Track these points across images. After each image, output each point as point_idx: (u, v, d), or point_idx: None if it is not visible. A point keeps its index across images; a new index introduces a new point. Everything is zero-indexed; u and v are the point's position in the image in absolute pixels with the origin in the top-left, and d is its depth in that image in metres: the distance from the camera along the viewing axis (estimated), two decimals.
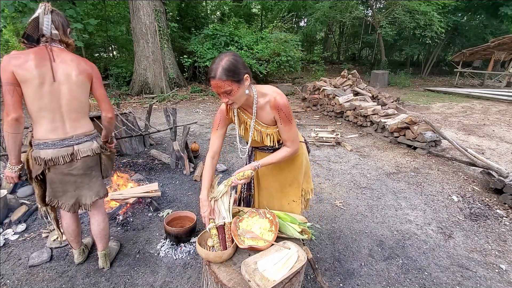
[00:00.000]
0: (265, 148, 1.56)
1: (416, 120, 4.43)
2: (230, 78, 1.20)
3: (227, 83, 1.20)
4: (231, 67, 1.19)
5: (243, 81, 1.25)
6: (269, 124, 1.42)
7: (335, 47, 21.88)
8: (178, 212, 2.39)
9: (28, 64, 1.39)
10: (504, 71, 12.10)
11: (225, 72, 1.18)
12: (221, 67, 1.18)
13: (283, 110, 1.34)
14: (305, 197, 1.73)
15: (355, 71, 7.50)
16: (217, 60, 1.21)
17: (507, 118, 6.48)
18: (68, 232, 1.86)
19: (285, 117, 1.35)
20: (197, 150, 4.10)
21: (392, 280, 1.96)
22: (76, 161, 1.59)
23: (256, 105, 1.37)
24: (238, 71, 1.22)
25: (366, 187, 3.31)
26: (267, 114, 1.39)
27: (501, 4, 12.01)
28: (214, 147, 1.52)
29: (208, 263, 1.29)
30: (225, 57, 1.21)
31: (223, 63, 1.19)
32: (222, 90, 1.22)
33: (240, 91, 1.26)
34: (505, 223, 2.64)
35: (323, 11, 12.09)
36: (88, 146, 1.63)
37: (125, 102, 7.92)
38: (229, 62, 1.19)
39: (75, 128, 1.57)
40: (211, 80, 1.22)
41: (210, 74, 1.21)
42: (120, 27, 11.53)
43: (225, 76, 1.18)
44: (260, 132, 1.44)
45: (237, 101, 1.29)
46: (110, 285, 1.85)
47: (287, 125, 1.38)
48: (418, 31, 11.84)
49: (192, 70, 10.05)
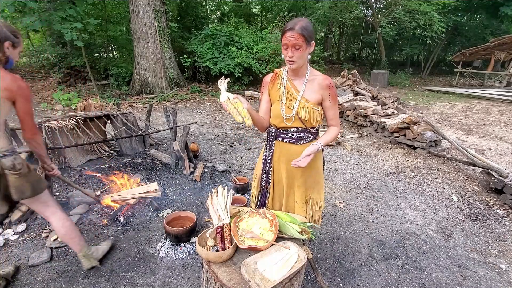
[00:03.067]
0: (287, 136, 1.56)
1: (416, 120, 4.43)
2: (305, 35, 1.31)
3: (301, 38, 1.31)
4: (308, 27, 1.33)
5: (310, 45, 1.37)
6: (310, 100, 1.48)
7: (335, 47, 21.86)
8: (178, 212, 2.39)
9: None
10: (504, 71, 12.09)
11: (302, 28, 1.31)
12: (300, 24, 1.31)
13: (333, 89, 1.49)
14: (312, 206, 1.65)
15: (355, 71, 7.49)
16: (296, 19, 1.35)
17: (507, 118, 6.48)
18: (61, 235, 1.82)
19: (334, 95, 1.50)
20: (197, 150, 4.10)
21: (392, 280, 1.96)
22: None
23: (307, 77, 1.48)
24: (311, 33, 1.35)
25: (366, 187, 3.31)
26: (312, 91, 1.48)
27: (501, 4, 12.01)
28: (262, 109, 1.63)
29: (208, 263, 1.29)
30: (303, 19, 1.35)
31: (302, 22, 1.32)
32: (294, 42, 1.32)
33: (306, 52, 1.37)
34: (505, 223, 2.64)
35: (323, 11, 12.08)
36: None
37: (125, 102, 7.92)
38: (307, 23, 1.34)
39: None
40: (288, 31, 1.32)
41: (288, 26, 1.32)
42: (120, 27, 11.51)
43: (301, 31, 1.30)
44: (299, 103, 1.48)
45: (298, 60, 1.37)
46: (110, 285, 1.85)
47: (335, 104, 1.52)
48: (418, 31, 11.84)
49: (192, 70, 10.04)
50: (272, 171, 1.67)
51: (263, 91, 1.63)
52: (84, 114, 3.69)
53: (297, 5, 13.78)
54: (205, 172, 3.62)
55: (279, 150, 1.61)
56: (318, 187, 1.66)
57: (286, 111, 1.51)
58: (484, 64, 14.73)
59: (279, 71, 1.57)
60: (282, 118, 1.52)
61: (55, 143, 3.23)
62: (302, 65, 1.42)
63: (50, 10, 6.98)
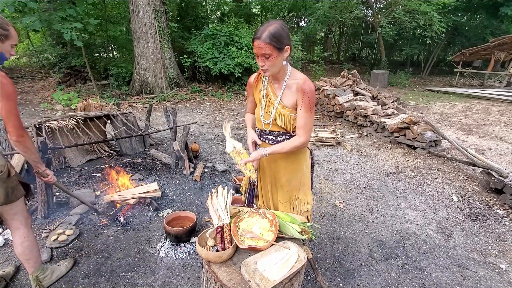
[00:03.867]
0: (269, 138, 1.55)
1: (416, 120, 4.43)
2: (273, 43, 1.24)
3: (269, 46, 1.24)
4: (276, 34, 1.24)
5: (283, 51, 1.29)
6: (287, 106, 1.43)
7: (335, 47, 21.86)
8: (178, 212, 2.39)
9: None
10: (504, 71, 12.09)
11: (270, 36, 1.23)
12: (268, 30, 1.23)
13: (308, 95, 1.35)
14: (299, 208, 1.62)
15: (355, 71, 7.49)
16: (266, 24, 1.27)
17: (507, 118, 6.48)
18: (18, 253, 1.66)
19: (307, 102, 1.36)
20: (197, 150, 4.10)
21: (392, 280, 1.96)
22: None
23: (286, 82, 1.41)
24: (282, 39, 1.26)
25: (366, 187, 3.31)
26: (291, 95, 1.41)
27: (501, 4, 12.01)
28: (249, 107, 1.69)
29: (208, 263, 1.29)
30: (274, 23, 1.26)
31: (270, 28, 1.24)
32: (262, 52, 1.26)
33: (278, 59, 1.30)
34: (505, 223, 2.64)
35: (323, 11, 12.08)
36: None
37: (125, 102, 7.92)
38: (276, 28, 1.24)
39: None
40: (255, 40, 1.26)
41: (256, 34, 1.25)
42: (120, 27, 11.52)
43: (269, 39, 1.23)
44: (276, 110, 1.45)
45: (271, 68, 1.31)
46: (110, 285, 1.85)
47: (306, 112, 1.38)
48: (418, 31, 11.83)
49: (192, 70, 10.04)
50: (259, 170, 1.69)
51: (248, 91, 1.63)
52: (84, 114, 3.70)
53: (297, 5, 13.78)
54: (205, 172, 3.62)
55: None
56: (304, 188, 1.63)
57: (265, 116, 1.51)
58: (484, 64, 14.74)
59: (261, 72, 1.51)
60: (262, 123, 1.53)
61: (55, 143, 3.23)
62: (277, 71, 1.37)
63: (50, 10, 6.98)
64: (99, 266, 2.01)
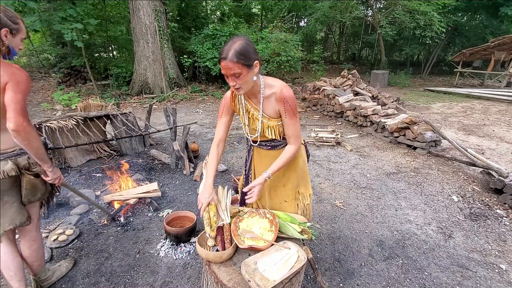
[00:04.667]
0: (263, 144, 1.55)
1: (416, 120, 4.43)
2: (241, 61, 1.19)
3: (237, 65, 1.20)
4: (243, 51, 1.19)
5: (253, 67, 1.25)
6: (272, 116, 1.41)
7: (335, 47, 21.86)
8: (178, 212, 2.39)
9: None
10: (504, 71, 12.09)
11: (237, 55, 1.18)
12: (233, 49, 1.19)
13: (289, 103, 1.34)
14: (302, 201, 1.66)
15: (355, 71, 7.49)
16: (230, 42, 1.21)
17: (507, 118, 6.48)
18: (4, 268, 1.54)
19: (290, 109, 1.35)
20: (197, 150, 4.10)
21: (392, 280, 1.96)
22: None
23: (262, 95, 1.37)
24: (250, 55, 1.22)
25: (366, 187, 3.31)
26: (271, 106, 1.39)
27: (501, 4, 12.01)
28: (219, 135, 1.55)
29: (208, 263, 1.29)
30: (238, 40, 1.22)
31: (235, 46, 1.19)
32: (231, 72, 1.21)
33: (249, 76, 1.26)
34: (505, 223, 2.64)
35: (323, 11, 12.09)
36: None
37: (125, 102, 7.92)
38: (242, 45, 1.20)
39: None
40: (221, 60, 1.22)
41: (222, 55, 1.21)
42: (120, 27, 11.52)
43: (236, 58, 1.18)
44: (262, 123, 1.44)
45: (244, 86, 1.28)
46: (110, 285, 1.85)
47: (292, 119, 1.38)
48: (418, 31, 11.83)
49: (192, 70, 10.04)
50: (252, 174, 1.70)
51: (224, 109, 1.52)
52: (84, 114, 3.70)
53: (297, 5, 13.79)
54: None
55: (258, 154, 1.63)
56: (304, 182, 1.67)
57: (251, 132, 1.52)
58: (484, 64, 14.73)
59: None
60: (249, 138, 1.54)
61: (55, 143, 3.23)
62: (250, 87, 1.32)
63: (50, 10, 6.98)
64: (99, 266, 2.01)
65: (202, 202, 1.42)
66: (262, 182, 1.43)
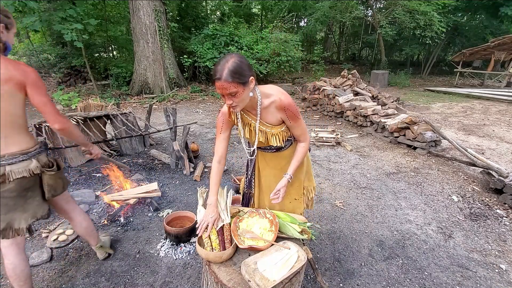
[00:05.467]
0: (268, 148, 1.56)
1: (416, 120, 4.43)
2: (236, 80, 1.17)
3: (233, 85, 1.17)
4: (237, 69, 1.16)
5: (248, 84, 1.23)
6: (274, 124, 1.42)
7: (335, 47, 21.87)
8: (178, 212, 2.39)
9: None
10: (504, 71, 12.09)
11: (231, 74, 1.15)
12: (227, 68, 1.15)
13: (290, 109, 1.36)
14: (307, 195, 1.72)
15: (355, 71, 7.49)
16: (223, 62, 1.18)
17: (507, 118, 6.48)
18: (16, 274, 1.49)
19: (292, 115, 1.38)
20: (197, 150, 4.10)
21: (392, 280, 1.96)
22: (8, 183, 1.36)
23: (260, 106, 1.36)
24: (244, 73, 1.19)
25: (366, 187, 3.31)
26: (272, 115, 1.39)
27: (501, 4, 12.01)
28: (219, 152, 1.53)
29: (208, 263, 1.29)
30: (230, 58, 1.18)
31: (229, 65, 1.16)
32: (227, 92, 1.19)
33: (245, 93, 1.23)
34: (505, 223, 2.64)
35: (323, 11, 12.09)
36: (25, 166, 1.39)
37: (125, 102, 7.92)
38: (235, 64, 1.16)
39: (7, 147, 1.35)
40: (216, 81, 1.19)
41: (216, 75, 1.17)
42: (120, 27, 11.52)
43: (231, 78, 1.16)
44: (265, 133, 1.44)
45: (240, 103, 1.26)
46: (110, 285, 1.85)
47: (296, 122, 1.42)
48: (418, 31, 11.83)
49: (192, 70, 10.04)
50: (256, 178, 1.69)
51: (223, 125, 1.51)
52: (84, 114, 3.70)
53: (297, 5, 13.79)
54: (205, 172, 3.62)
55: (263, 158, 1.63)
56: (308, 175, 1.73)
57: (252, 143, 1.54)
58: (484, 64, 14.73)
59: None
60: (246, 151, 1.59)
61: (55, 143, 3.23)
62: (247, 101, 1.30)
63: (50, 10, 6.98)
64: (99, 266, 2.01)
65: (206, 221, 1.40)
66: (285, 184, 1.48)
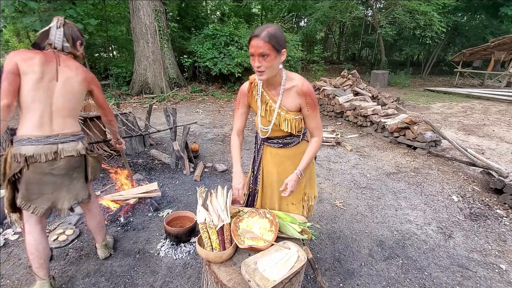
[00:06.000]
0: (274, 141, 1.54)
1: (416, 120, 4.43)
2: (272, 42, 1.21)
3: (267, 46, 1.21)
4: (275, 35, 1.22)
5: (280, 53, 1.27)
6: (290, 110, 1.41)
7: (335, 47, 21.87)
8: (178, 212, 2.39)
9: (34, 60, 1.47)
10: (504, 71, 12.09)
11: (269, 35, 1.20)
12: (266, 30, 1.21)
13: (310, 96, 1.38)
14: (307, 202, 1.68)
15: (355, 71, 7.49)
16: (264, 26, 1.24)
17: (507, 118, 6.48)
18: (38, 251, 1.61)
19: (312, 103, 1.39)
20: (197, 150, 4.10)
21: (392, 280, 1.96)
22: (58, 160, 1.54)
23: (283, 87, 1.38)
24: (280, 41, 1.24)
25: (366, 187, 3.31)
26: (291, 99, 1.40)
27: (501, 4, 12.01)
28: (237, 126, 1.61)
29: (208, 263, 1.29)
30: (272, 25, 1.25)
31: (269, 29, 1.22)
32: (260, 51, 1.21)
33: (276, 61, 1.26)
34: (505, 223, 2.64)
35: (323, 11, 12.08)
36: (73, 146, 1.59)
37: (125, 102, 7.92)
38: (275, 30, 1.23)
39: (63, 127, 1.56)
40: (252, 39, 1.23)
41: (254, 33, 1.23)
42: (120, 27, 11.51)
43: (268, 38, 1.20)
44: (279, 115, 1.43)
45: (268, 70, 1.27)
46: (110, 285, 1.85)
47: (314, 111, 1.41)
48: (418, 31, 11.83)
49: (192, 70, 10.03)
50: (261, 174, 1.67)
51: (240, 101, 1.54)
52: (84, 114, 3.70)
53: (297, 5, 13.78)
54: (205, 172, 3.62)
55: (268, 153, 1.61)
56: (311, 181, 1.68)
57: (264, 124, 1.50)
58: (484, 64, 14.73)
59: (254, 80, 1.47)
60: (260, 131, 1.53)
61: None
62: (273, 75, 1.31)
63: (50, 10, 6.98)
64: (99, 266, 2.01)
65: (237, 188, 1.54)
66: (295, 179, 1.47)
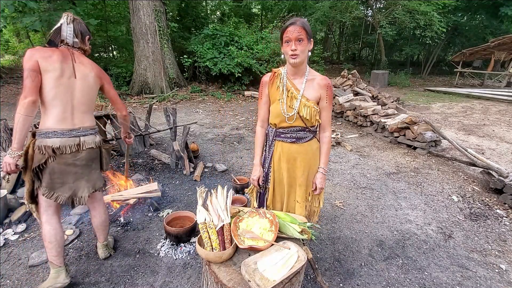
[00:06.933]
0: (288, 136, 1.57)
1: (416, 120, 4.43)
2: (306, 29, 1.37)
3: (303, 32, 1.36)
4: (308, 24, 1.40)
5: (310, 42, 1.41)
6: (310, 99, 1.51)
7: (335, 47, 21.86)
8: (178, 212, 2.39)
9: (53, 58, 1.57)
10: (504, 71, 12.09)
11: (304, 24, 1.37)
12: (301, 20, 1.38)
13: (331, 90, 1.53)
14: (312, 202, 1.69)
15: (355, 71, 7.49)
16: (295, 18, 1.40)
17: (507, 118, 6.48)
18: (56, 240, 1.70)
19: (330, 96, 1.53)
20: (197, 150, 4.10)
21: (392, 280, 1.96)
22: (81, 152, 1.68)
23: (306, 77, 1.51)
24: (311, 32, 1.41)
25: (366, 187, 3.31)
26: (313, 89, 1.51)
27: (501, 4, 12.01)
28: (261, 115, 1.69)
29: (208, 263, 1.29)
30: (303, 18, 1.42)
31: (302, 19, 1.39)
32: (297, 35, 1.35)
33: (307, 47, 1.41)
34: (505, 223, 2.64)
35: (323, 11, 12.08)
36: (92, 138, 1.73)
37: (125, 102, 7.92)
38: (307, 22, 1.40)
39: (83, 121, 1.69)
40: (290, 26, 1.37)
41: (291, 21, 1.38)
42: (120, 27, 11.51)
43: (303, 25, 1.36)
44: (300, 102, 1.50)
45: (301, 54, 1.39)
46: (110, 285, 1.85)
47: (330, 105, 1.55)
48: (418, 31, 11.84)
49: (192, 70, 10.03)
50: (272, 171, 1.68)
51: (262, 91, 1.63)
52: None
53: (297, 5, 13.79)
54: (205, 172, 3.62)
55: (279, 150, 1.61)
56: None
57: (287, 110, 1.52)
58: (484, 64, 14.74)
59: (277, 70, 1.58)
60: (284, 117, 1.52)
61: None
62: (303, 61, 1.44)
63: (50, 10, 6.98)
64: (99, 266, 2.01)
65: (254, 179, 1.69)
66: (321, 176, 1.61)
